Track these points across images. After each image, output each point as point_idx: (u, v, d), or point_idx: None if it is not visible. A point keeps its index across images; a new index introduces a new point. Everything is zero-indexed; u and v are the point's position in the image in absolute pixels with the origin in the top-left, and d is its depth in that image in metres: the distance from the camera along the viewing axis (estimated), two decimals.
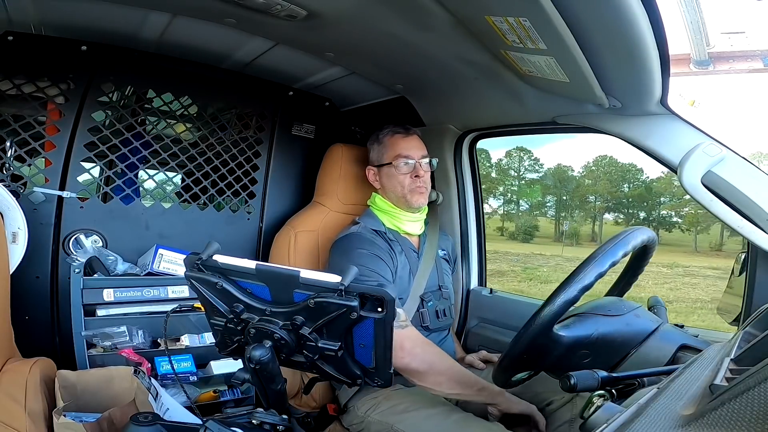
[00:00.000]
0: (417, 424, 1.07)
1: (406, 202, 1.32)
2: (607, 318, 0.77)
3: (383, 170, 1.35)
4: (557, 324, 0.74)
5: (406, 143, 1.34)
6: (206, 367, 1.29)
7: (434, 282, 1.33)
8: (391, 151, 1.33)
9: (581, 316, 0.78)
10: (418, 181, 1.31)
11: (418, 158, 1.33)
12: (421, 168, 1.32)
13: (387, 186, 1.35)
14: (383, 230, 1.31)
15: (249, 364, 0.67)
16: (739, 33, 2.95)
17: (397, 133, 1.35)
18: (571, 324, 0.77)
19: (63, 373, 0.99)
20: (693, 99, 1.21)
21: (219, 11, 1.11)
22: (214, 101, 1.58)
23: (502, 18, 0.84)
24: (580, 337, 0.75)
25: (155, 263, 1.35)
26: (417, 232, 1.38)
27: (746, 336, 0.55)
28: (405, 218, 1.34)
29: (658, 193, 13.20)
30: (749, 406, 0.31)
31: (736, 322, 1.03)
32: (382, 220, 1.34)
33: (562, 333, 0.74)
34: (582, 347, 0.75)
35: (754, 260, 1.00)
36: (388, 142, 1.35)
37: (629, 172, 13.73)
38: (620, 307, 0.79)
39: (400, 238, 1.33)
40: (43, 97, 1.30)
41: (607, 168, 13.88)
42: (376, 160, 1.38)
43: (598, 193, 13.92)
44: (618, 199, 13.72)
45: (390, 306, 0.63)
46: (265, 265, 0.67)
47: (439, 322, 1.31)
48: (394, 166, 1.31)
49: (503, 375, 0.84)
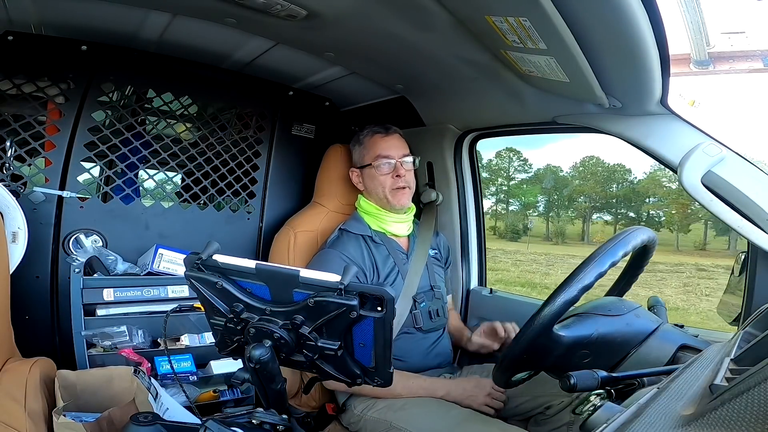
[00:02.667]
0: (415, 420, 1.07)
1: (388, 202, 1.31)
2: (607, 318, 0.77)
3: (365, 171, 1.34)
4: (557, 324, 0.74)
5: (386, 143, 1.33)
6: (206, 367, 1.29)
7: (426, 282, 1.32)
8: (372, 151, 1.33)
9: (581, 316, 0.78)
10: (400, 180, 1.30)
11: (399, 157, 1.31)
12: (402, 167, 1.31)
13: (369, 187, 1.34)
14: (368, 234, 1.30)
15: (249, 363, 0.66)
16: (739, 33, 2.95)
17: (376, 133, 1.34)
18: (571, 324, 0.77)
19: (63, 373, 0.99)
20: (693, 99, 1.22)
21: (219, 11, 1.11)
22: (214, 101, 1.58)
23: (502, 18, 0.84)
24: (580, 337, 0.75)
25: (155, 263, 1.35)
26: (404, 233, 1.36)
27: (746, 336, 0.55)
28: (390, 219, 1.33)
29: (642, 193, 13.32)
30: (749, 406, 0.31)
31: (736, 322, 1.03)
32: (368, 222, 1.33)
33: (562, 333, 0.74)
34: (582, 347, 0.75)
35: (754, 260, 1.00)
36: (368, 143, 1.34)
37: (614, 172, 13.89)
38: (620, 307, 0.80)
39: (386, 240, 1.32)
40: (43, 96, 1.30)
41: (593, 168, 14.04)
42: (357, 162, 1.37)
43: (584, 193, 14.06)
44: (603, 199, 13.86)
45: (389, 305, 0.63)
46: (265, 265, 0.67)
47: (432, 322, 1.30)
48: (374, 166, 1.31)
49: (503, 375, 0.84)
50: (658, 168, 12.18)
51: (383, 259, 1.29)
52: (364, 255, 1.27)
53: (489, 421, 1.05)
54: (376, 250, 1.29)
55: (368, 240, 1.30)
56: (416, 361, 1.26)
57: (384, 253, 1.30)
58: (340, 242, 1.28)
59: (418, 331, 1.28)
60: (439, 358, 1.33)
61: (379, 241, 1.31)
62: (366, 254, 1.27)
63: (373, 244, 1.30)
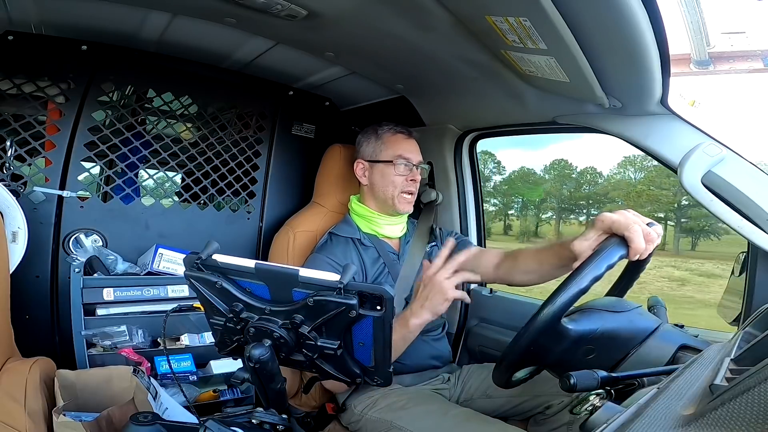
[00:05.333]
0: (415, 420, 1.07)
1: (392, 205, 1.30)
2: (612, 314, 0.77)
3: (377, 167, 1.33)
4: (565, 317, 0.74)
5: (408, 145, 1.33)
6: (206, 367, 1.29)
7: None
8: (392, 149, 1.32)
9: (587, 311, 0.78)
10: (413, 185, 1.31)
11: (416, 162, 1.32)
12: (417, 172, 1.32)
13: (377, 183, 1.32)
14: (357, 237, 1.30)
15: (248, 363, 0.66)
16: (739, 33, 2.96)
17: (399, 133, 1.34)
18: (577, 318, 0.76)
19: (62, 373, 0.99)
20: (693, 99, 1.22)
21: (219, 11, 1.11)
22: (214, 101, 1.58)
23: (503, 18, 0.84)
24: (586, 332, 0.75)
25: (155, 263, 1.35)
26: (397, 234, 1.36)
27: (746, 336, 0.55)
28: (383, 222, 1.32)
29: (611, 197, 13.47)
30: (749, 406, 0.31)
31: (736, 322, 1.03)
32: (358, 225, 1.33)
33: (569, 326, 0.74)
34: (587, 342, 0.75)
35: (754, 260, 1.00)
36: (388, 140, 1.33)
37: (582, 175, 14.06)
38: (623, 305, 0.80)
39: (377, 242, 1.31)
40: (44, 96, 1.30)
41: (562, 171, 14.20)
42: (370, 155, 1.34)
43: (552, 194, 14.21)
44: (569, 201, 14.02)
45: (389, 304, 0.63)
46: (265, 264, 0.67)
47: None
48: (395, 164, 1.30)
49: (503, 375, 0.84)
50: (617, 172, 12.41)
51: (372, 261, 1.28)
52: (353, 258, 1.26)
53: (489, 421, 1.05)
54: (365, 252, 1.28)
55: (357, 243, 1.29)
56: (414, 361, 1.26)
57: (373, 255, 1.29)
58: (328, 247, 1.28)
59: None
60: (438, 359, 1.33)
61: (368, 243, 1.30)
62: (355, 257, 1.26)
63: (362, 246, 1.29)
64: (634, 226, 0.77)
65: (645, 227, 0.78)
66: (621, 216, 0.79)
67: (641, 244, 0.76)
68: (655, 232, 0.79)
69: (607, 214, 0.81)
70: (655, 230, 0.79)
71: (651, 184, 12.27)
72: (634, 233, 0.76)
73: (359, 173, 1.36)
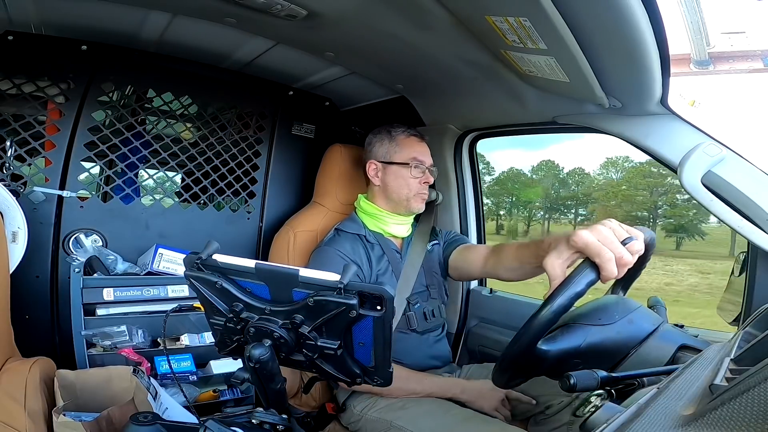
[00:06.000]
0: (415, 420, 1.07)
1: (406, 206, 1.32)
2: (596, 327, 0.74)
3: (391, 168, 1.34)
4: (540, 340, 0.71)
5: (422, 148, 1.35)
6: (206, 367, 1.29)
7: (422, 282, 1.32)
8: (407, 152, 1.33)
9: (569, 327, 0.75)
10: (426, 187, 1.33)
11: (429, 165, 1.35)
12: (430, 175, 1.34)
13: (391, 185, 1.33)
14: (363, 233, 1.31)
15: (248, 363, 0.66)
16: (739, 33, 2.96)
17: (413, 136, 1.36)
18: (557, 336, 0.74)
19: (62, 373, 0.99)
20: (693, 99, 1.22)
21: (219, 11, 1.11)
22: (214, 101, 1.58)
23: (503, 18, 0.84)
24: (570, 348, 0.73)
25: (155, 263, 1.35)
26: (403, 234, 1.37)
27: (746, 336, 0.55)
28: (392, 221, 1.34)
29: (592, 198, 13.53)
30: (749, 406, 0.31)
31: (736, 322, 1.03)
32: (365, 223, 1.34)
33: (545, 347, 0.72)
34: (572, 357, 0.74)
35: (754, 260, 1.00)
36: (403, 142, 1.34)
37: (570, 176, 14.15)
38: (612, 314, 0.76)
39: (382, 240, 1.32)
40: (43, 96, 1.30)
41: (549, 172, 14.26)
42: (384, 157, 1.35)
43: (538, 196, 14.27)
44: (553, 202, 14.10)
45: (389, 304, 0.63)
46: (265, 264, 0.67)
47: (427, 323, 1.30)
48: (411, 167, 1.31)
49: (503, 375, 0.84)
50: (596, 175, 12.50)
51: (377, 258, 1.29)
52: (361, 252, 1.27)
53: (489, 420, 1.05)
54: (371, 249, 1.29)
55: (363, 239, 1.30)
56: (414, 361, 1.26)
57: (378, 252, 1.30)
58: (337, 240, 1.28)
59: (413, 332, 1.28)
60: (438, 359, 1.33)
61: (373, 240, 1.31)
62: (362, 251, 1.28)
63: (368, 243, 1.30)
64: (605, 253, 0.69)
65: (618, 250, 0.70)
66: (595, 237, 0.71)
67: (612, 271, 0.70)
68: (629, 253, 0.71)
69: (581, 233, 0.72)
70: (631, 248, 0.71)
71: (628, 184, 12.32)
72: (605, 261, 0.69)
73: (371, 173, 1.36)
